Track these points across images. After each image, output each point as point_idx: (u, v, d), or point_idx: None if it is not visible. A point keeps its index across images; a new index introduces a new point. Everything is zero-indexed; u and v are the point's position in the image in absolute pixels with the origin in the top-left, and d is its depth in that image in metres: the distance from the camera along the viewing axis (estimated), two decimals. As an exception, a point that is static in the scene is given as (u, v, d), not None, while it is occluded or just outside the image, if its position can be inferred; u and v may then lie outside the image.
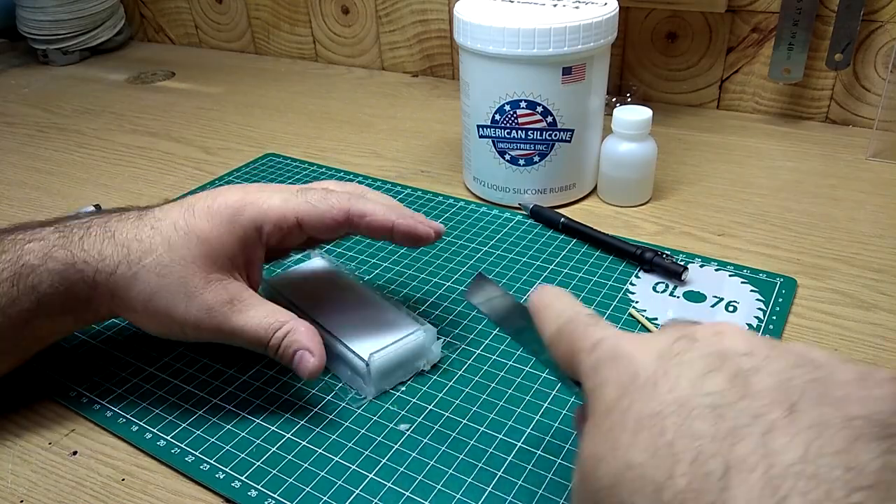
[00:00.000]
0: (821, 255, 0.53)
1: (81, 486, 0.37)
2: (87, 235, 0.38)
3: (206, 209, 0.38)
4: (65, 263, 0.37)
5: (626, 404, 0.23)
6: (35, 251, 0.37)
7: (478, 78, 0.57)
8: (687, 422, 0.21)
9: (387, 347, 0.40)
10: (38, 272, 0.37)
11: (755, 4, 0.72)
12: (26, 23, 1.06)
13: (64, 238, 0.38)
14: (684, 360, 0.23)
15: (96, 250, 0.38)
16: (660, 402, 0.22)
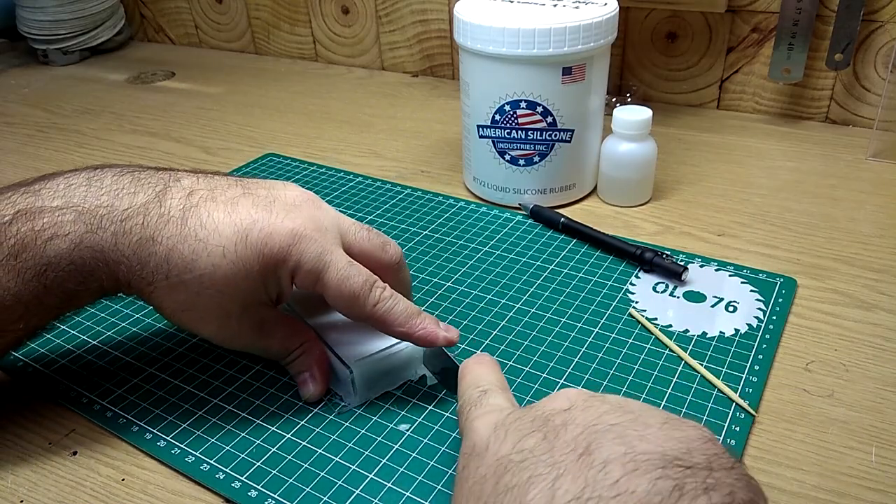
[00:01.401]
0: (821, 255, 0.53)
1: (81, 486, 0.37)
2: (122, 233, 0.35)
3: (261, 243, 0.36)
4: (95, 262, 0.35)
5: (466, 474, 0.26)
6: (62, 249, 0.35)
7: (478, 78, 0.57)
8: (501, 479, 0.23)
9: (373, 355, 0.40)
10: (66, 271, 0.35)
11: (755, 4, 0.72)
12: (26, 23, 1.06)
13: (92, 234, 0.35)
14: (513, 426, 0.26)
15: (132, 251, 0.35)
16: (486, 466, 0.25)
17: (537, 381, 0.41)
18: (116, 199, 0.36)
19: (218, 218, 0.36)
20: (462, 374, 0.35)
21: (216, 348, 0.45)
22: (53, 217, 0.35)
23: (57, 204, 0.35)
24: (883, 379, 0.41)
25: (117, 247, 0.35)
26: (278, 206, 0.38)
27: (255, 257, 0.36)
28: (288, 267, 0.37)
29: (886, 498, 0.34)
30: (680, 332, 0.45)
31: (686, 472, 0.21)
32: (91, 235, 0.35)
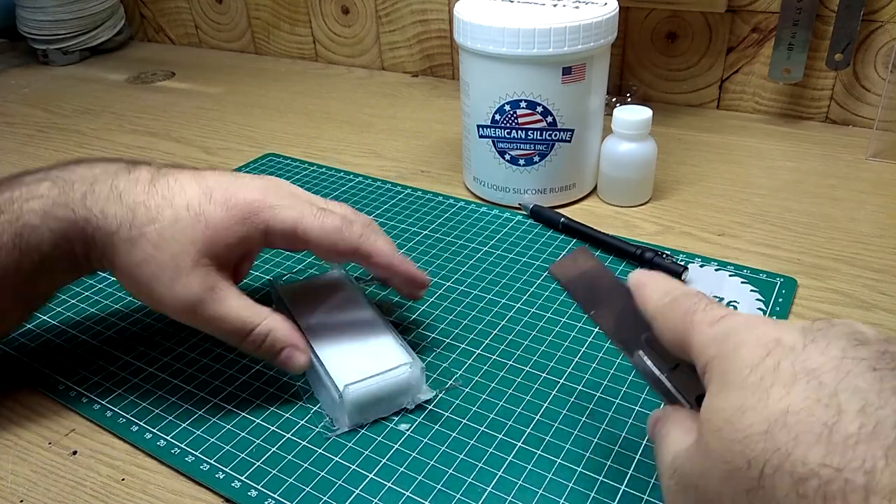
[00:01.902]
0: (821, 255, 0.53)
1: (81, 486, 0.37)
2: (91, 192, 0.38)
3: (224, 200, 0.38)
4: (66, 221, 0.37)
5: (773, 363, 0.23)
6: (35, 210, 0.37)
7: (478, 78, 0.57)
8: (847, 378, 0.21)
9: (366, 380, 0.38)
10: (39, 231, 0.37)
11: (755, 4, 0.72)
12: (26, 23, 1.06)
13: (64, 195, 0.37)
14: (828, 332, 0.24)
15: (99, 208, 0.37)
16: (814, 362, 0.22)
17: (537, 381, 0.41)
18: (89, 170, 0.39)
19: (184, 181, 0.39)
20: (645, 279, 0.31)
21: (216, 348, 0.45)
22: (30, 187, 0.38)
23: (38, 177, 0.38)
24: (883, 379, 0.41)
25: (86, 205, 0.37)
26: (244, 178, 0.40)
27: (219, 209, 0.38)
28: (260, 218, 0.38)
29: (886, 498, 0.34)
30: (680, 332, 0.45)
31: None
32: (63, 196, 0.37)
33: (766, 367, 0.23)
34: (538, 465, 0.36)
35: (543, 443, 0.37)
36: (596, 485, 0.35)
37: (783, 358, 0.23)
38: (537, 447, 0.37)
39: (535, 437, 0.38)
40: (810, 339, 0.23)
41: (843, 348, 0.23)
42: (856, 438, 0.20)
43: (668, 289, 0.30)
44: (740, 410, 0.23)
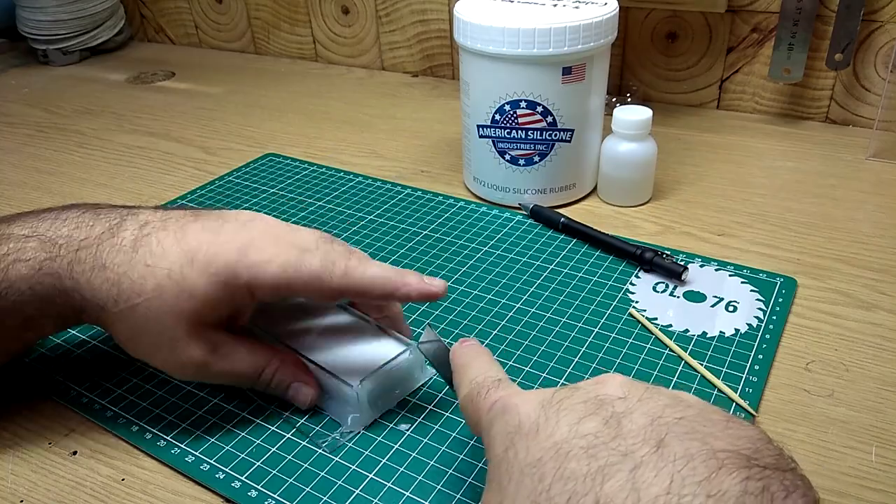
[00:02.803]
0: (821, 255, 0.53)
1: (81, 486, 0.37)
2: (77, 261, 0.36)
3: (204, 266, 0.36)
4: (54, 288, 0.36)
5: (512, 455, 0.24)
6: (23, 275, 0.36)
7: (478, 78, 0.57)
8: (563, 464, 0.22)
9: (374, 373, 0.38)
10: (25, 296, 0.36)
11: (755, 4, 0.72)
12: (26, 23, 1.06)
13: (51, 260, 0.36)
14: (563, 406, 0.25)
15: (86, 279, 0.36)
16: (540, 449, 0.23)
17: (537, 381, 0.41)
18: (76, 231, 0.37)
19: (166, 245, 0.37)
20: (462, 360, 0.33)
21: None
22: (18, 244, 0.37)
23: (24, 233, 0.37)
24: (883, 379, 0.41)
25: (72, 275, 0.36)
26: (227, 227, 0.38)
27: (200, 277, 0.36)
28: (241, 281, 0.36)
29: (886, 498, 0.34)
30: (680, 332, 0.45)
31: (765, 472, 0.21)
32: (50, 262, 0.36)
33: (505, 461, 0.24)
34: (538, 465, 0.36)
35: (543, 443, 0.37)
36: (596, 485, 0.35)
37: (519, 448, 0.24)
38: (537, 447, 0.37)
39: (535, 437, 0.38)
40: (544, 417, 0.24)
41: (570, 425, 0.23)
42: None
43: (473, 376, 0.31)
44: None
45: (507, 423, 0.26)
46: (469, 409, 0.31)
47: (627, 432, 0.22)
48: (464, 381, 0.32)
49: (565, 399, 0.25)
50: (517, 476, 0.23)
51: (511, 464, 0.24)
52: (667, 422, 0.23)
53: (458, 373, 0.33)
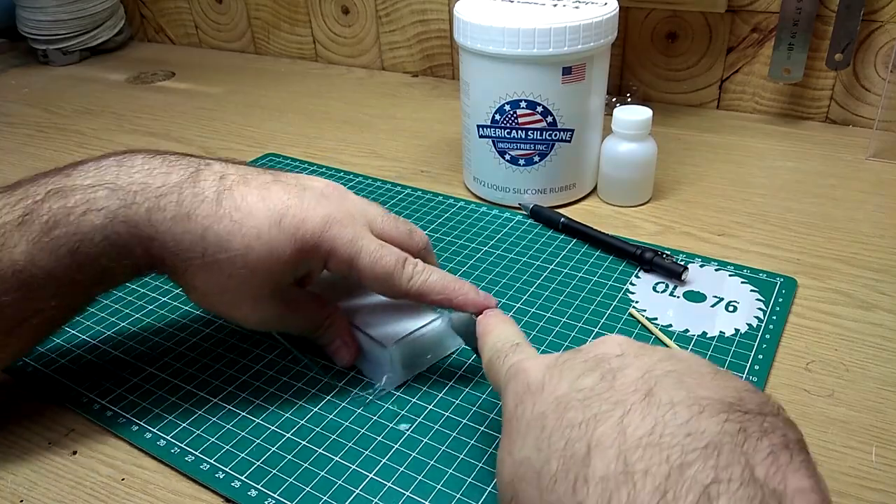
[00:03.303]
0: (821, 255, 0.53)
1: (81, 486, 0.37)
2: (157, 209, 0.36)
3: (292, 231, 0.37)
4: (129, 237, 0.36)
5: (521, 411, 0.27)
6: (95, 225, 0.35)
7: (478, 78, 0.57)
8: (563, 415, 0.24)
9: (408, 335, 0.41)
10: (99, 247, 0.35)
11: (755, 4, 0.72)
12: (26, 23, 1.06)
13: (126, 208, 0.35)
14: (566, 366, 0.27)
15: (166, 228, 0.36)
16: (544, 404, 0.26)
17: (537, 381, 0.41)
18: (149, 178, 0.37)
19: (251, 201, 0.37)
20: (485, 329, 0.36)
21: (216, 348, 0.45)
22: (86, 194, 0.36)
23: (89, 182, 0.36)
24: (883, 379, 0.41)
25: (151, 222, 0.36)
26: (309, 194, 0.39)
27: (288, 241, 0.37)
28: (321, 252, 0.38)
29: (886, 498, 0.34)
30: (680, 332, 0.45)
31: (745, 416, 0.22)
32: (125, 210, 0.36)
33: (515, 418, 0.27)
34: (538, 464, 0.36)
35: (543, 443, 0.37)
36: (596, 485, 0.35)
37: (526, 405, 0.27)
38: (537, 447, 0.37)
39: (535, 436, 0.38)
40: (549, 376, 0.27)
41: (571, 381, 0.26)
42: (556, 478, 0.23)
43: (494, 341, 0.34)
44: (501, 463, 0.27)
45: (518, 383, 0.28)
46: (490, 372, 0.33)
47: (620, 385, 0.24)
48: (486, 347, 0.34)
49: (568, 360, 0.27)
50: (524, 429, 0.26)
51: (520, 419, 0.26)
52: (657, 374, 0.24)
53: (481, 339, 0.35)
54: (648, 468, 0.21)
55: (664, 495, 0.20)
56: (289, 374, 0.43)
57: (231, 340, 0.46)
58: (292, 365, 0.44)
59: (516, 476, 0.25)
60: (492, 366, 0.33)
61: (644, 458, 0.21)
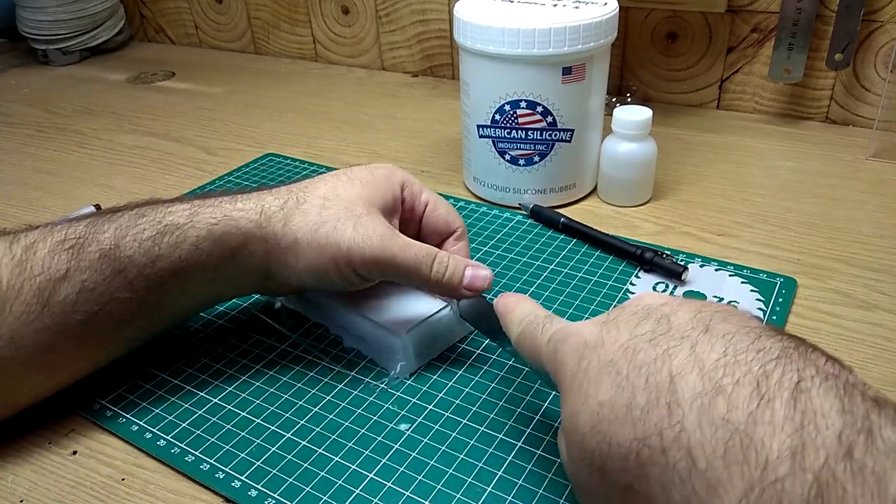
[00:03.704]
0: (821, 255, 0.53)
1: (81, 486, 0.37)
2: (238, 198, 0.40)
3: (363, 169, 0.42)
4: (214, 217, 0.39)
5: (585, 364, 0.28)
6: (180, 211, 0.39)
7: (478, 78, 0.57)
8: (634, 357, 0.26)
9: (420, 324, 0.42)
10: (183, 230, 0.38)
11: (755, 4, 0.72)
12: (26, 23, 1.06)
13: (210, 200, 0.40)
14: (619, 319, 0.28)
15: (254, 201, 0.40)
16: (610, 353, 0.27)
17: (537, 381, 0.41)
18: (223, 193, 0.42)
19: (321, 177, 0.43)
20: (507, 307, 0.36)
21: (216, 348, 0.45)
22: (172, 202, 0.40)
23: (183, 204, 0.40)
24: (883, 379, 0.41)
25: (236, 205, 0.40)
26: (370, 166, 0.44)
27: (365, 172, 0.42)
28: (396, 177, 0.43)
29: (886, 498, 0.34)
30: (680, 332, 0.45)
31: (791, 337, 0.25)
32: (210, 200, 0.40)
33: (581, 371, 0.28)
34: (538, 465, 0.36)
35: (544, 443, 0.37)
36: (596, 485, 0.35)
37: (590, 358, 0.28)
38: (537, 447, 0.37)
39: (534, 436, 0.38)
40: (605, 331, 0.28)
41: (629, 330, 0.27)
42: (648, 407, 0.24)
43: (522, 315, 0.34)
44: (574, 416, 0.27)
45: (573, 343, 0.29)
46: (526, 344, 0.33)
47: (677, 325, 0.26)
48: (513, 323, 0.35)
49: (618, 316, 0.29)
50: (595, 377, 0.27)
51: (586, 371, 0.27)
52: (706, 314, 0.27)
53: (505, 317, 0.36)
54: (737, 380, 0.23)
55: (762, 397, 0.22)
56: (289, 375, 0.43)
57: (231, 340, 0.46)
58: (292, 365, 0.44)
59: (599, 419, 0.26)
60: (527, 338, 0.33)
61: (728, 374, 0.23)
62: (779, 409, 0.22)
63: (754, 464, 0.21)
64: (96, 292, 0.37)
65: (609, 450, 0.25)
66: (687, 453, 0.23)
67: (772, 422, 0.22)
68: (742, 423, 0.22)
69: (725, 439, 0.22)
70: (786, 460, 0.21)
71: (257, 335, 0.46)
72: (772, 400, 0.22)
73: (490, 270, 0.41)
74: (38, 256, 0.36)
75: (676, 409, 0.23)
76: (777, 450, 0.21)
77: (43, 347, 0.37)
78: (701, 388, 0.23)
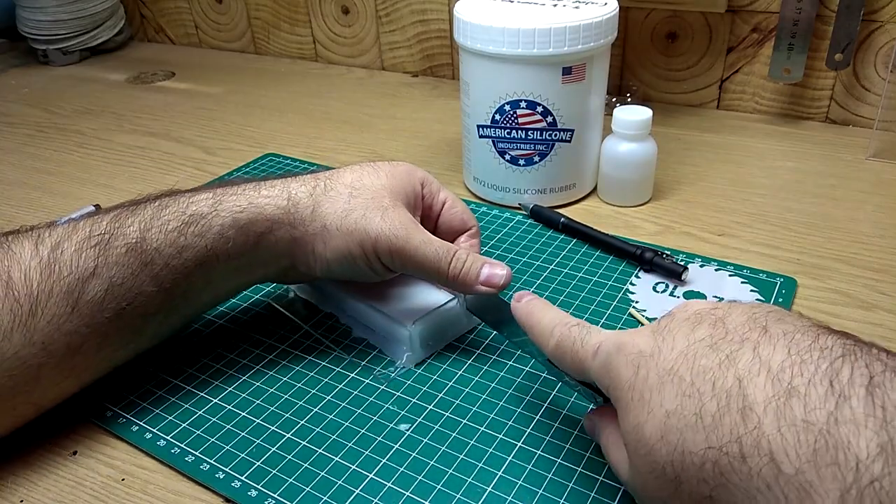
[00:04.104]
0: (821, 255, 0.53)
1: (81, 486, 0.37)
2: (263, 185, 0.40)
3: (386, 164, 0.43)
4: (239, 206, 0.39)
5: (644, 374, 0.27)
6: (205, 200, 0.39)
7: (478, 78, 0.57)
8: (695, 363, 0.25)
9: (426, 315, 0.43)
10: (207, 219, 0.39)
11: (755, 4, 0.72)
12: (26, 23, 1.06)
13: (234, 189, 0.40)
14: (672, 327, 0.28)
15: (279, 189, 0.40)
16: (669, 361, 0.26)
17: (537, 381, 0.41)
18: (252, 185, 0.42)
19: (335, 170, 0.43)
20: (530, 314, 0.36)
21: (216, 348, 0.45)
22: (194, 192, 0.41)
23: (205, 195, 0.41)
24: None
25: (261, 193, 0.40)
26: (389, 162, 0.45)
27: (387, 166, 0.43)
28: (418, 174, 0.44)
29: (886, 498, 0.34)
30: (680, 332, 0.45)
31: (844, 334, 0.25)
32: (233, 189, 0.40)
33: (640, 382, 0.27)
34: (538, 465, 0.36)
35: (543, 443, 0.37)
36: (596, 485, 0.35)
37: (649, 368, 0.27)
38: (537, 447, 0.37)
39: (535, 437, 0.38)
40: (661, 339, 0.28)
41: (685, 336, 0.27)
42: (719, 414, 0.24)
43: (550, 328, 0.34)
44: (639, 428, 0.26)
45: (627, 354, 0.29)
46: (567, 357, 0.33)
47: (734, 328, 0.26)
48: (544, 334, 0.34)
49: (669, 323, 0.28)
50: (657, 386, 0.26)
51: (645, 381, 0.27)
52: (760, 315, 0.26)
53: (530, 325, 0.35)
54: (809, 380, 0.23)
55: (838, 395, 0.22)
56: (289, 375, 0.43)
57: (231, 340, 0.46)
58: (292, 365, 0.44)
59: (668, 429, 0.25)
60: (567, 352, 0.33)
61: (797, 374, 0.23)
62: (857, 407, 0.21)
63: (845, 465, 0.21)
64: (124, 287, 0.37)
65: (683, 459, 0.24)
66: (770, 459, 0.22)
67: (854, 420, 0.21)
68: (823, 423, 0.22)
69: (811, 442, 0.21)
70: (878, 459, 0.20)
71: (258, 335, 0.46)
72: (848, 398, 0.22)
73: (509, 269, 0.41)
74: (66, 256, 0.36)
75: (751, 414, 0.23)
76: (866, 448, 0.21)
77: (73, 349, 0.36)
78: (772, 391, 0.23)
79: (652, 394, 0.26)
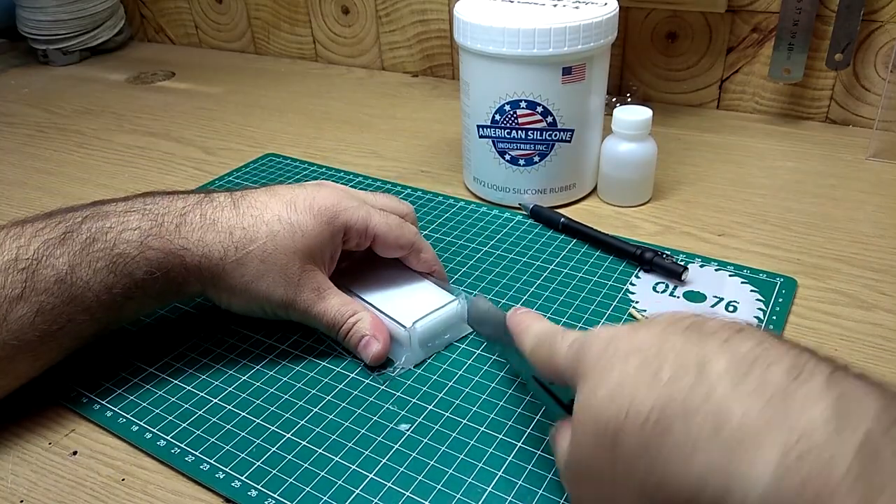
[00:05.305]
0: (821, 255, 0.53)
1: (81, 486, 0.37)
2: (184, 224, 0.40)
3: (308, 207, 0.42)
4: (162, 252, 0.40)
5: (612, 349, 0.28)
6: (131, 241, 0.39)
7: (478, 78, 0.57)
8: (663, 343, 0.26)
9: (426, 316, 0.43)
10: (135, 261, 0.39)
11: (755, 4, 0.72)
12: (26, 23, 1.06)
13: (158, 227, 0.40)
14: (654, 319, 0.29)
15: (197, 238, 0.40)
16: (641, 340, 0.27)
17: (537, 381, 0.42)
18: (172, 203, 0.42)
19: (263, 199, 0.42)
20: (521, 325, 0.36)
21: (216, 348, 0.45)
22: (120, 217, 0.40)
23: (122, 209, 0.41)
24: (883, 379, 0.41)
25: (182, 235, 0.40)
26: (308, 186, 0.44)
27: (307, 216, 0.42)
28: (338, 222, 0.43)
29: (886, 498, 0.34)
30: (680, 332, 0.45)
31: None
32: (157, 228, 0.40)
33: (608, 354, 0.28)
34: (538, 465, 0.36)
35: (543, 443, 0.37)
36: (596, 485, 0.35)
37: (619, 343, 0.28)
38: (537, 447, 0.37)
39: (535, 437, 0.38)
40: (639, 325, 0.29)
41: (663, 325, 0.28)
42: (674, 379, 0.24)
43: (537, 332, 0.34)
44: (593, 392, 0.27)
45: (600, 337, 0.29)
46: (540, 352, 0.33)
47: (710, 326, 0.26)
48: (527, 337, 0.35)
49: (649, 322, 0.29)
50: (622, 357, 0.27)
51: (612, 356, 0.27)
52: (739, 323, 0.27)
53: (520, 333, 0.36)
54: (773, 362, 0.23)
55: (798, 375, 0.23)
56: (289, 375, 0.43)
57: (231, 340, 0.46)
58: (292, 365, 0.44)
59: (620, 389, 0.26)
60: (543, 346, 0.33)
61: (762, 357, 0.24)
62: (816, 387, 0.22)
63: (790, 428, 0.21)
64: (55, 312, 0.38)
65: (625, 419, 0.25)
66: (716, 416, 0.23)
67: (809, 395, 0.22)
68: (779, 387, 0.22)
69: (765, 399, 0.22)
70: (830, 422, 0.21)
71: (257, 335, 0.46)
72: (807, 381, 0.22)
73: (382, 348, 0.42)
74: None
75: (704, 381, 0.24)
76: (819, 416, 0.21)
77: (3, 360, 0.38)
78: (734, 366, 0.24)
79: (616, 362, 0.27)
